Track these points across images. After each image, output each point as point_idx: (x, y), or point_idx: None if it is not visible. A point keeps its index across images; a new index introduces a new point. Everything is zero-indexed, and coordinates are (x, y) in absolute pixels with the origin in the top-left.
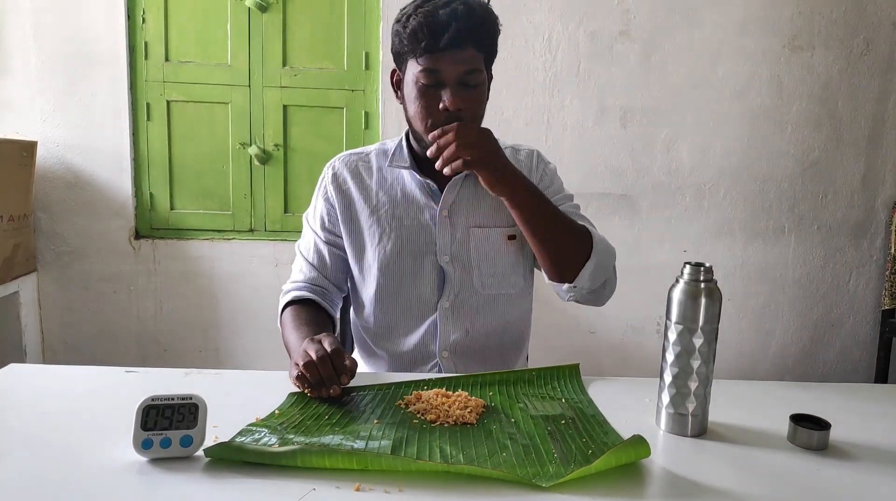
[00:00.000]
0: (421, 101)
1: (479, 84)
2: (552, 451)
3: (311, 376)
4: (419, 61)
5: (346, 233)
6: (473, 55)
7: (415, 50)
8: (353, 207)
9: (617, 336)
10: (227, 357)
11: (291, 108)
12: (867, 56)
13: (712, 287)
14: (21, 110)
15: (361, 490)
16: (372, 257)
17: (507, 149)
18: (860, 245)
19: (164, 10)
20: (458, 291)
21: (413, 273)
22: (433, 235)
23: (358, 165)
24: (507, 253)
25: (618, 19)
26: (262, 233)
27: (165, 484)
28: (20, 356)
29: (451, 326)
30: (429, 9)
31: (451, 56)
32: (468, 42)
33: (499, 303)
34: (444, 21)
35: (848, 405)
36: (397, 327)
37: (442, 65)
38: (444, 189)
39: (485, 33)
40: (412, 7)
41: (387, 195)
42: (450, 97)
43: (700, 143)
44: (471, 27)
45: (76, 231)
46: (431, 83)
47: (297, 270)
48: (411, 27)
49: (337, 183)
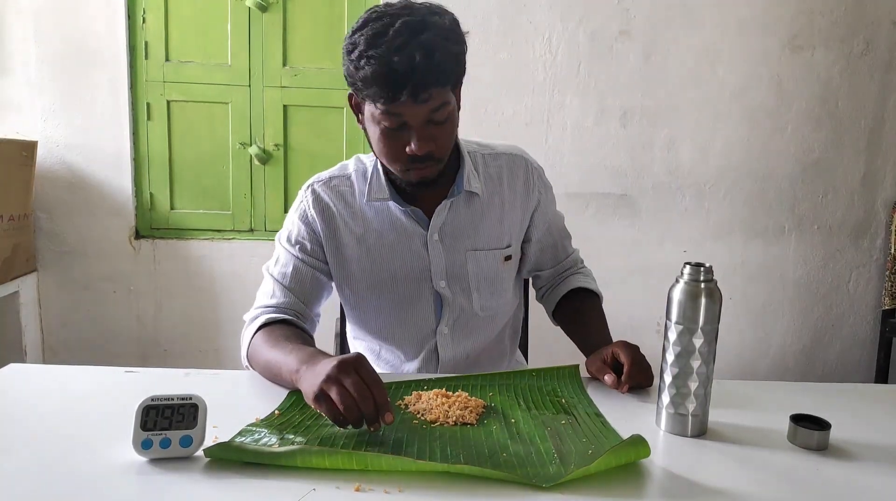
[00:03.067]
0: (385, 144)
1: (447, 118)
2: (552, 451)
3: (351, 418)
4: (377, 106)
5: (334, 260)
6: (438, 93)
7: (373, 96)
8: (338, 234)
9: (617, 336)
10: (227, 357)
11: (291, 108)
12: (867, 56)
13: (712, 287)
14: (21, 110)
15: (361, 490)
16: (364, 285)
17: (478, 154)
18: (860, 245)
19: (164, 10)
20: (457, 315)
21: (409, 301)
22: (426, 260)
23: (342, 189)
24: (505, 274)
25: (618, 19)
26: (262, 233)
27: (165, 484)
28: (20, 356)
29: (451, 351)
30: (381, 53)
31: (412, 104)
32: (431, 87)
33: (496, 320)
34: (402, 74)
35: (848, 405)
36: (396, 354)
37: (404, 110)
38: (432, 213)
39: (447, 72)
40: (363, 42)
41: (374, 223)
42: (416, 143)
43: (700, 143)
44: (433, 72)
45: (76, 231)
46: (394, 126)
47: (265, 294)
48: (363, 74)
49: (320, 207)
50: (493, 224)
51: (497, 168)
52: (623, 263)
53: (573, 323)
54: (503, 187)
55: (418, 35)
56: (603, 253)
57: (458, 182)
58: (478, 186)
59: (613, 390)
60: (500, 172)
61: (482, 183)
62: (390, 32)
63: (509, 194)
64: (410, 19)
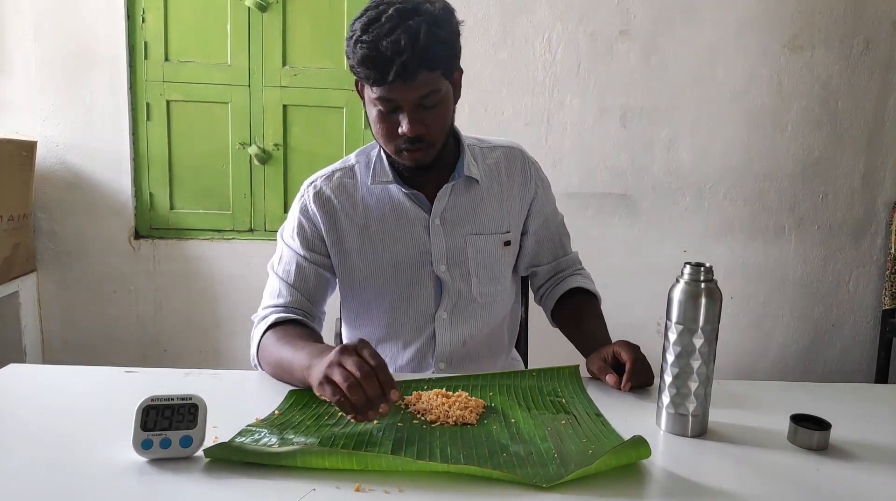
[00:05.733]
0: (380, 125)
1: (439, 103)
2: (552, 451)
3: (356, 400)
4: (372, 89)
5: (335, 253)
6: (427, 78)
7: (365, 78)
8: (339, 226)
9: (617, 336)
10: (227, 357)
11: (291, 107)
12: (867, 56)
13: (712, 287)
14: (21, 110)
15: (361, 490)
16: (364, 274)
17: (476, 147)
18: (860, 245)
19: (163, 10)
20: (455, 300)
21: (409, 286)
22: (427, 244)
23: (343, 181)
24: (504, 259)
25: (618, 19)
26: (261, 233)
27: (165, 484)
28: (20, 356)
29: (448, 336)
30: (371, 38)
31: (401, 86)
32: (418, 70)
33: (494, 308)
34: (388, 56)
35: (848, 405)
36: (393, 341)
37: (394, 94)
38: (434, 198)
39: (435, 57)
40: (359, 28)
41: (376, 211)
42: (407, 125)
43: (700, 143)
44: (418, 57)
45: (76, 231)
46: (388, 110)
47: (271, 294)
48: (357, 58)
49: (321, 201)
50: (493, 210)
51: (495, 159)
52: (623, 263)
53: (572, 323)
54: (501, 176)
55: (407, 20)
56: (603, 253)
57: (459, 168)
58: (477, 173)
59: (614, 390)
60: (499, 163)
61: (481, 172)
62: (382, 18)
63: (507, 183)
64: (402, 6)
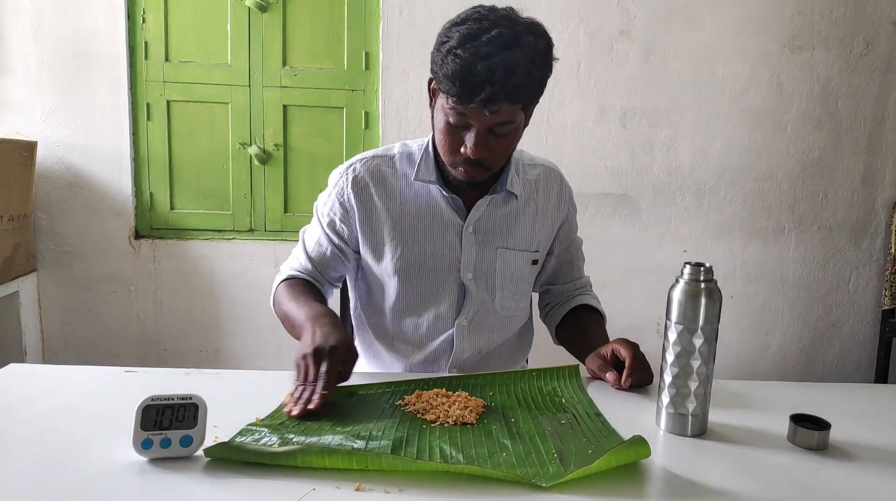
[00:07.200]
0: (446, 136)
1: (510, 132)
2: (552, 451)
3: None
4: (449, 101)
5: (365, 241)
6: (507, 109)
7: (446, 91)
8: (375, 215)
9: (616, 336)
10: (227, 357)
11: (291, 108)
12: (867, 56)
13: (712, 287)
14: (21, 110)
15: (361, 490)
16: (392, 267)
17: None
18: (860, 245)
19: (164, 10)
20: (477, 309)
21: (434, 288)
22: (457, 251)
23: (383, 169)
24: (528, 277)
25: (618, 19)
26: (262, 233)
27: (165, 484)
28: (20, 356)
29: (465, 344)
30: (466, 55)
31: (479, 111)
32: (503, 102)
33: (512, 323)
34: (480, 80)
35: (848, 405)
36: (411, 339)
37: (470, 114)
38: (472, 206)
39: (523, 93)
40: (456, 38)
41: (412, 206)
42: (473, 146)
43: (700, 143)
44: (508, 90)
45: (76, 231)
46: (458, 124)
47: (297, 257)
48: (446, 69)
49: (358, 188)
50: (526, 227)
51: (535, 177)
52: (623, 263)
53: (574, 333)
54: (538, 195)
55: (507, 50)
56: (603, 253)
57: (502, 181)
58: (518, 189)
59: (614, 389)
60: (538, 181)
61: (521, 188)
62: (483, 38)
63: (543, 203)
64: (506, 31)
